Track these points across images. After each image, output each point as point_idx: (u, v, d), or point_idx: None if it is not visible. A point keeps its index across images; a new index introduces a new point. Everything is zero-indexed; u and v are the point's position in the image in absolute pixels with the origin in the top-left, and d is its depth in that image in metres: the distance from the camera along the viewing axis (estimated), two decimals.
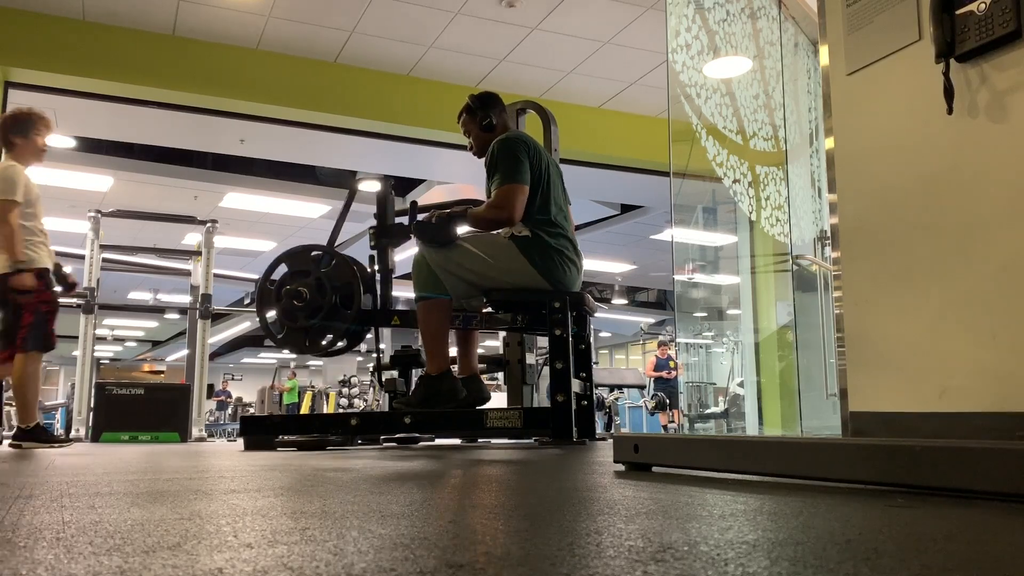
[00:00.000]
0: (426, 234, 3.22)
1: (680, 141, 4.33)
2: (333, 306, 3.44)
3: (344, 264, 3.51)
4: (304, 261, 3.53)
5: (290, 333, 3.51)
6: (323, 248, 3.59)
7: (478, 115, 3.39)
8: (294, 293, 3.44)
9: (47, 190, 8.42)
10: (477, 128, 3.41)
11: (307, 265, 3.51)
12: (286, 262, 3.58)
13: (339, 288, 3.46)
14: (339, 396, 13.70)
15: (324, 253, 3.55)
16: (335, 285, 3.46)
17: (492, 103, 3.43)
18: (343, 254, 3.61)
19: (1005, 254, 1.41)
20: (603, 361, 21.87)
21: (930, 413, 1.50)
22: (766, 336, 5.70)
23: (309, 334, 3.48)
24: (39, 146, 3.90)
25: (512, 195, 3.09)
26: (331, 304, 3.43)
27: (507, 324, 3.50)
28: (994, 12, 1.42)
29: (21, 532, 0.78)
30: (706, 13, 4.46)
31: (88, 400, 6.53)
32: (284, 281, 3.49)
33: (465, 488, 1.35)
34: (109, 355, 21.55)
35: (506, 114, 3.49)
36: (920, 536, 0.74)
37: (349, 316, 3.44)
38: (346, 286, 3.46)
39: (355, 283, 3.46)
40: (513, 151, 3.16)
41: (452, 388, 3.23)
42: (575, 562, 0.59)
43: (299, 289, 3.43)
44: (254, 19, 5.53)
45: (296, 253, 3.61)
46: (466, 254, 3.18)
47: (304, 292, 3.43)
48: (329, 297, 3.43)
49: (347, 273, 3.48)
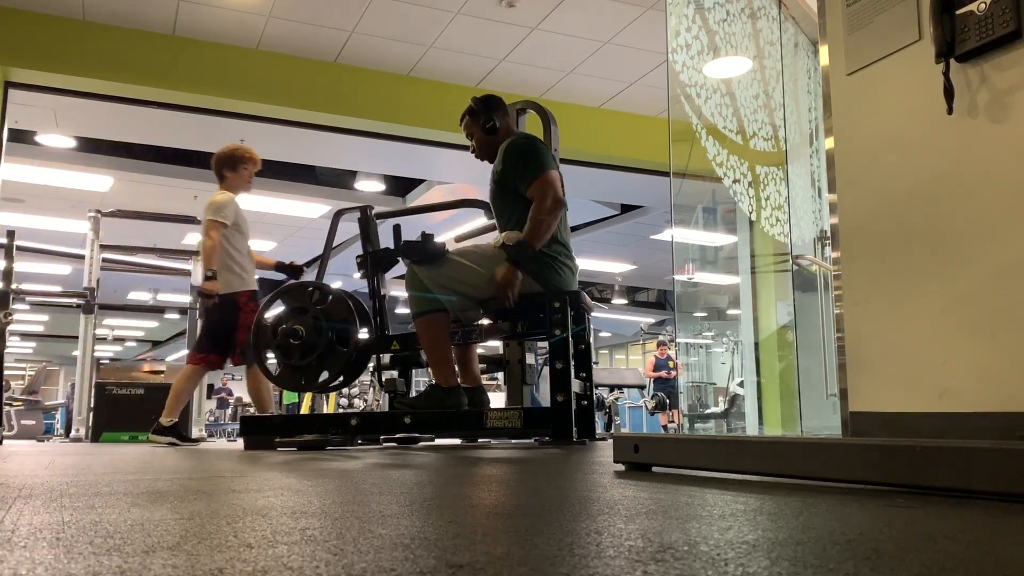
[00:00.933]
0: (415, 254, 3.23)
1: (680, 141, 4.33)
2: (329, 342, 3.45)
3: (339, 300, 3.52)
4: (299, 298, 3.54)
5: (287, 371, 3.53)
6: (318, 285, 3.60)
7: (481, 117, 3.40)
8: (289, 331, 3.45)
9: (47, 190, 8.48)
10: (480, 130, 3.41)
11: (302, 302, 3.52)
12: (281, 299, 3.59)
13: (335, 324, 3.47)
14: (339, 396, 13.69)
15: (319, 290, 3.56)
16: (331, 321, 3.47)
17: (495, 105, 3.44)
18: (338, 290, 3.62)
19: (1005, 254, 1.41)
20: (603, 361, 21.86)
21: (930, 413, 1.50)
22: (766, 336, 5.70)
23: (305, 372, 3.50)
24: (246, 178, 4.50)
25: (549, 182, 3.13)
26: (327, 341, 3.45)
27: (507, 332, 3.50)
28: (994, 12, 1.42)
29: (21, 532, 0.78)
30: (706, 13, 4.46)
31: (88, 400, 6.53)
32: (280, 319, 3.52)
33: (465, 488, 1.35)
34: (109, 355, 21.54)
35: (508, 117, 3.50)
36: (920, 536, 0.74)
37: (346, 354, 3.46)
38: (342, 321, 3.48)
39: (351, 318, 3.47)
40: (531, 147, 3.22)
41: (457, 403, 3.24)
42: (575, 562, 0.59)
43: (294, 327, 3.45)
44: (254, 19, 5.53)
45: (291, 290, 3.62)
46: (458, 267, 3.19)
47: (299, 330, 3.44)
48: (325, 334, 3.44)
49: (343, 308, 3.49)
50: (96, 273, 6.97)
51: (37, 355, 22.61)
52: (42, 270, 11.57)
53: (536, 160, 3.17)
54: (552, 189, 3.12)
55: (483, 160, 3.46)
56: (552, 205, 3.11)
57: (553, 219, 3.12)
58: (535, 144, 3.25)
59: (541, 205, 3.10)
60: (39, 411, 11.80)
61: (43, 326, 18.50)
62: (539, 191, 3.12)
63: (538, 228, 3.10)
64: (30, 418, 11.11)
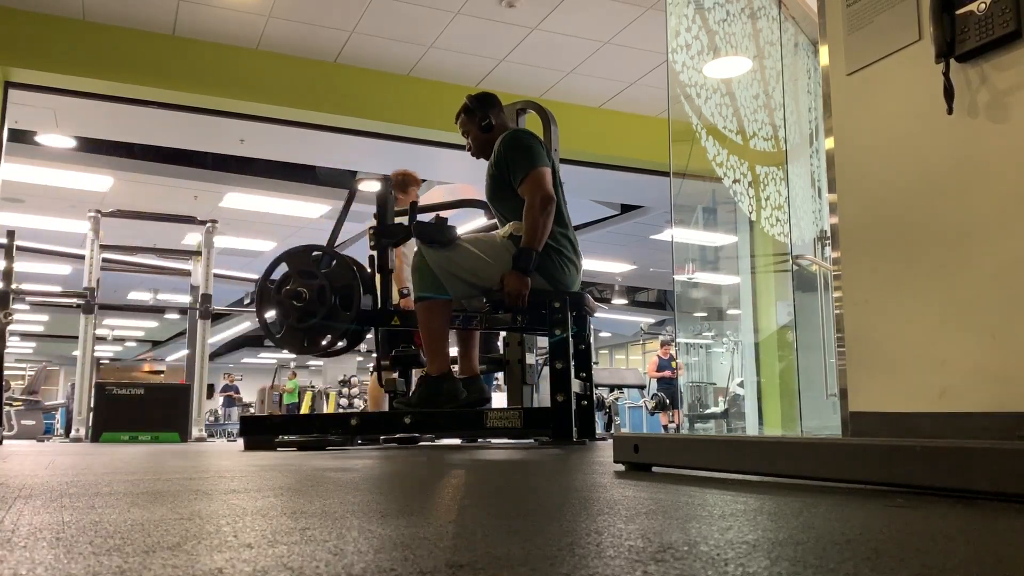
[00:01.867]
0: (426, 234, 3.22)
1: (680, 141, 4.33)
2: (332, 306, 3.44)
3: (344, 265, 3.51)
4: (304, 261, 3.53)
5: (289, 333, 3.51)
6: (323, 248, 3.59)
7: (477, 115, 3.39)
8: (293, 293, 3.43)
9: (47, 190, 8.49)
10: (476, 128, 3.40)
11: (307, 265, 3.51)
12: (286, 262, 3.58)
13: (339, 288, 3.46)
14: (339, 396, 13.71)
15: (324, 253, 3.55)
16: (335, 285, 3.45)
17: (490, 103, 3.43)
18: (343, 255, 3.60)
19: (1005, 254, 1.41)
20: (603, 361, 21.87)
21: (930, 413, 1.50)
22: (766, 336, 5.70)
23: (308, 334, 3.48)
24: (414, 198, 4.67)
25: (539, 178, 3.11)
26: (330, 304, 3.43)
27: (507, 324, 3.51)
28: (994, 12, 1.42)
29: (21, 532, 0.78)
30: (706, 13, 4.46)
31: (88, 400, 6.54)
32: (284, 281, 3.49)
33: (465, 488, 1.35)
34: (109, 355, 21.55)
35: (504, 114, 3.49)
36: (920, 536, 0.74)
37: (348, 317, 3.44)
38: (346, 287, 3.46)
39: (355, 284, 3.46)
40: (523, 141, 3.20)
41: (453, 389, 3.22)
42: (575, 562, 0.59)
43: (298, 289, 3.43)
44: (254, 19, 5.53)
45: (296, 253, 3.60)
46: (466, 254, 3.18)
47: (304, 292, 3.42)
48: (328, 297, 3.43)
49: (347, 274, 3.48)
50: (96, 273, 6.97)
51: (37, 355, 22.63)
52: (42, 270, 11.58)
53: (526, 155, 3.15)
54: (540, 188, 3.10)
55: (480, 158, 3.45)
56: (542, 204, 3.09)
57: (546, 217, 3.11)
58: (527, 139, 3.22)
59: (531, 206, 3.09)
60: (39, 411, 11.81)
61: (43, 326, 18.51)
62: (528, 191, 3.11)
63: (534, 231, 3.09)
64: (30, 418, 11.11)
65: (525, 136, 3.24)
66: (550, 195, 3.11)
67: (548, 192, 3.11)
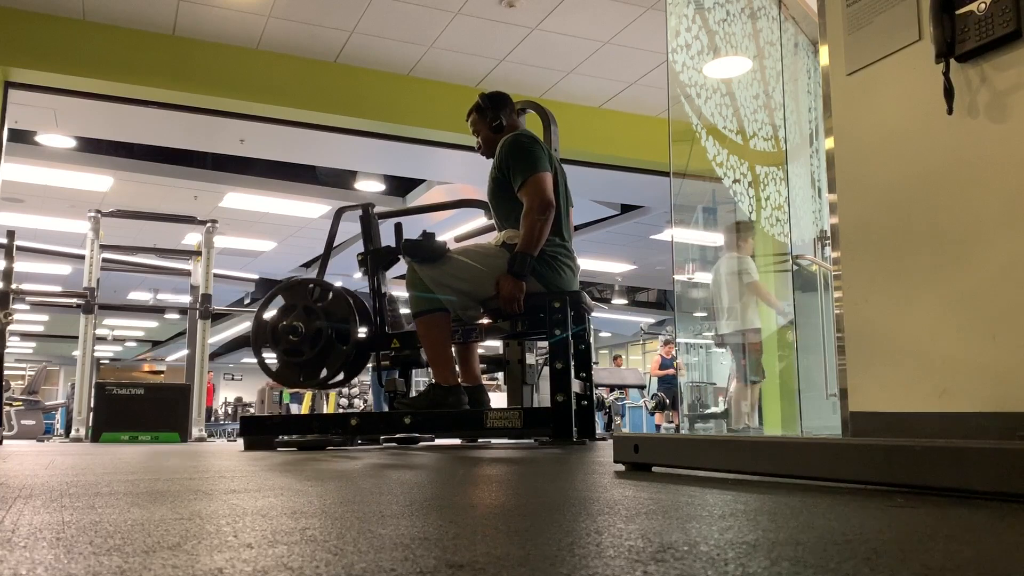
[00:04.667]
0: (417, 252, 3.21)
1: (680, 141, 4.33)
2: (329, 340, 3.44)
3: (340, 297, 3.51)
4: (300, 295, 3.54)
5: (285, 368, 3.52)
6: (319, 282, 3.59)
7: (488, 115, 3.37)
8: (290, 328, 3.44)
9: (47, 190, 8.48)
10: (487, 128, 3.38)
11: (303, 299, 3.51)
12: (282, 295, 3.58)
13: (335, 322, 3.47)
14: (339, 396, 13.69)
15: (319, 287, 3.55)
16: (331, 319, 3.46)
17: (502, 103, 3.41)
18: (339, 287, 3.61)
19: (1005, 254, 1.41)
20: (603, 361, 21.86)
21: (930, 413, 1.50)
22: (766, 336, 5.70)
23: (304, 369, 3.49)
24: None
25: (540, 183, 3.09)
26: (327, 339, 3.43)
27: (507, 332, 3.50)
28: (994, 12, 1.42)
29: (21, 532, 0.78)
30: (706, 13, 4.46)
31: (88, 400, 6.53)
32: (280, 316, 3.51)
33: (465, 488, 1.35)
34: (109, 355, 21.55)
35: (515, 115, 3.46)
36: (920, 536, 0.74)
37: (344, 352, 3.45)
38: (342, 320, 3.47)
39: (351, 317, 3.46)
40: (525, 145, 3.18)
41: (458, 401, 3.23)
42: (575, 562, 0.59)
43: (294, 324, 3.44)
44: (254, 19, 5.53)
45: (292, 286, 3.62)
46: (459, 266, 3.18)
47: (299, 327, 3.43)
48: (324, 332, 3.43)
49: (343, 306, 3.48)
50: (96, 273, 6.97)
51: (37, 355, 22.63)
52: (42, 270, 11.58)
53: (527, 160, 3.13)
54: (539, 193, 3.08)
55: (489, 158, 3.44)
56: (540, 209, 3.07)
57: (544, 223, 3.10)
58: (528, 143, 3.19)
59: (530, 211, 3.08)
60: (39, 411, 11.81)
61: (43, 326, 18.51)
62: (527, 195, 3.09)
63: (531, 235, 3.07)
64: (30, 418, 11.12)
65: (527, 140, 3.22)
66: (550, 201, 3.10)
67: (548, 197, 3.10)
